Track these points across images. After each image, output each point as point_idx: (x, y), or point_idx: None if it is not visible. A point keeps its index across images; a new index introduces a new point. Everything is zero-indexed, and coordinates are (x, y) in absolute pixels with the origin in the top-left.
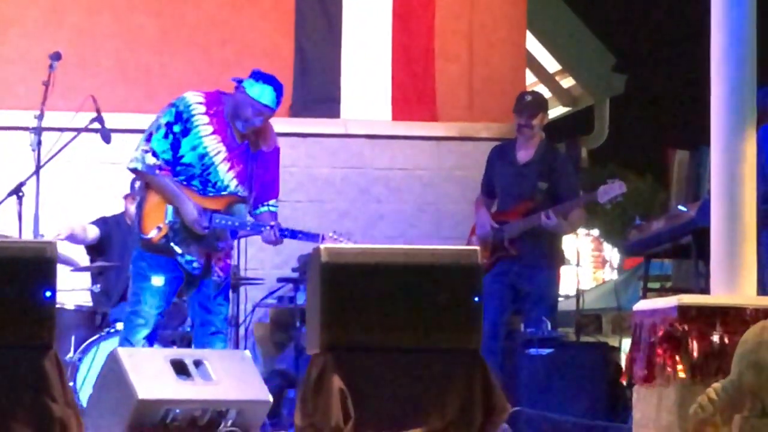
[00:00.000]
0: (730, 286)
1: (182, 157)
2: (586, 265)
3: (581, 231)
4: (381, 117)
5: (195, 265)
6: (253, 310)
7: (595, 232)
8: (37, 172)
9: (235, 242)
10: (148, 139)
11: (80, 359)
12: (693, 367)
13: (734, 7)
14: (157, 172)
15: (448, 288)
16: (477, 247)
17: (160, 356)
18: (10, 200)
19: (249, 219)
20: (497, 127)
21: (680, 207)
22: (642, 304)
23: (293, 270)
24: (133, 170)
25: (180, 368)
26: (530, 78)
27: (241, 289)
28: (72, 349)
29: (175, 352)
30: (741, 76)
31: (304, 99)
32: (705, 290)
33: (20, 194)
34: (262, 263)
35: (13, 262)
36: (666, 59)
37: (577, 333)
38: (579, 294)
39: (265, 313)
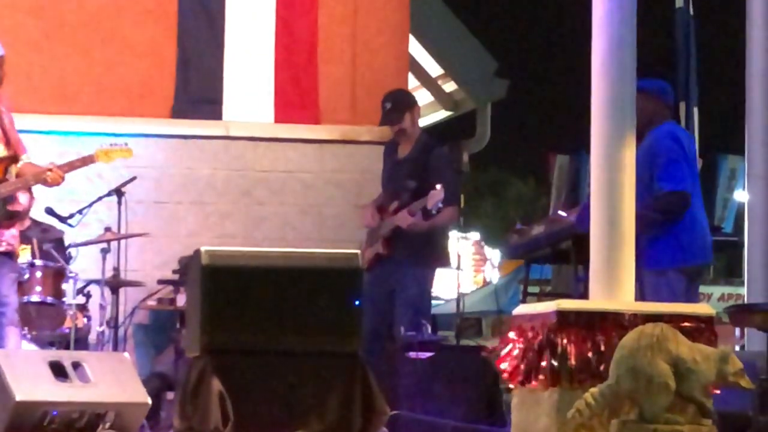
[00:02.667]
0: (608, 291)
1: None
2: (467, 268)
3: (460, 234)
4: (263, 119)
5: None
6: (132, 312)
7: (476, 235)
8: None
9: (115, 244)
10: None
11: None
12: (571, 372)
13: (615, 14)
14: None
15: (329, 291)
16: (358, 251)
17: (39, 358)
18: None
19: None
20: (379, 130)
21: (560, 212)
22: (521, 309)
23: (174, 272)
24: None
25: (58, 370)
26: (413, 82)
27: (121, 290)
28: None
29: (54, 353)
30: (621, 82)
31: (185, 101)
32: (584, 295)
33: None
34: (142, 265)
35: None
36: (547, 64)
37: (458, 336)
38: (459, 297)
39: (145, 315)
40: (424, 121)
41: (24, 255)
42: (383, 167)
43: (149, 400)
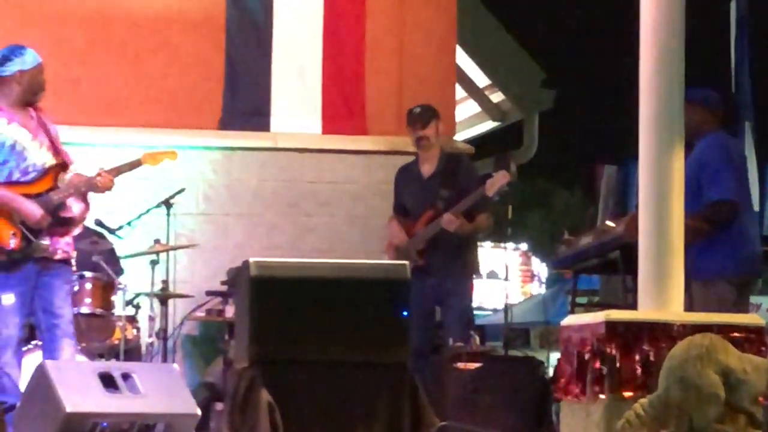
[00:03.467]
0: (657, 301)
1: None
2: (515, 279)
3: (509, 245)
4: (311, 131)
5: (47, 244)
6: (181, 323)
7: (524, 245)
8: None
9: (164, 255)
10: None
11: None
12: (620, 383)
13: (663, 23)
14: None
15: (377, 302)
16: (406, 262)
17: (88, 369)
18: None
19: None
20: None
21: (608, 222)
22: (570, 319)
23: (222, 283)
24: None
25: (108, 381)
26: (460, 92)
27: (170, 302)
28: None
29: (103, 365)
30: (669, 92)
31: (233, 112)
32: (632, 306)
33: None
34: (191, 276)
35: None
36: (595, 74)
37: (505, 347)
38: (507, 308)
39: (194, 326)
40: (471, 132)
41: None
42: (401, 191)
43: (198, 411)
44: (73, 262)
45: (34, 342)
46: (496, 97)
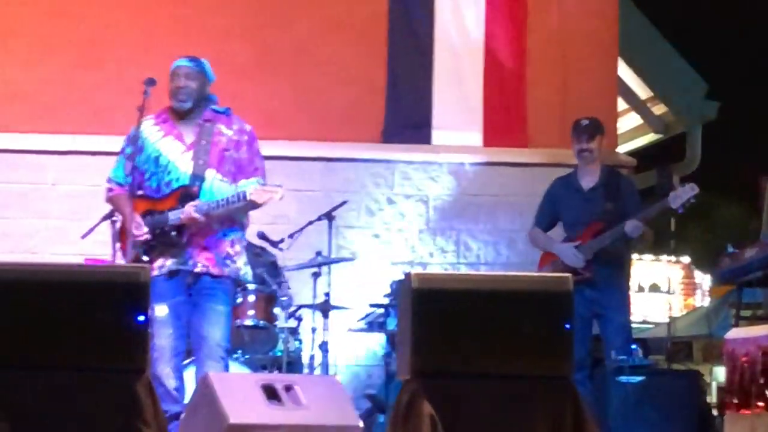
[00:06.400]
0: None
1: (139, 165)
2: (677, 292)
3: (673, 258)
4: (472, 143)
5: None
6: (343, 335)
7: (685, 258)
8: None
9: (325, 268)
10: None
11: None
12: None
13: None
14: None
15: (540, 314)
16: (569, 275)
17: (251, 381)
18: (104, 225)
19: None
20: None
21: None
22: (734, 333)
23: (384, 296)
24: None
25: (271, 393)
26: (621, 105)
27: (332, 314)
28: None
29: (266, 376)
30: None
31: (395, 125)
32: None
33: (114, 219)
34: (352, 288)
35: (107, 286)
36: (760, 84)
37: (668, 360)
38: (670, 321)
39: (356, 338)
40: (633, 144)
41: None
42: (555, 203)
43: (361, 423)
44: (227, 273)
45: None
46: (659, 109)
